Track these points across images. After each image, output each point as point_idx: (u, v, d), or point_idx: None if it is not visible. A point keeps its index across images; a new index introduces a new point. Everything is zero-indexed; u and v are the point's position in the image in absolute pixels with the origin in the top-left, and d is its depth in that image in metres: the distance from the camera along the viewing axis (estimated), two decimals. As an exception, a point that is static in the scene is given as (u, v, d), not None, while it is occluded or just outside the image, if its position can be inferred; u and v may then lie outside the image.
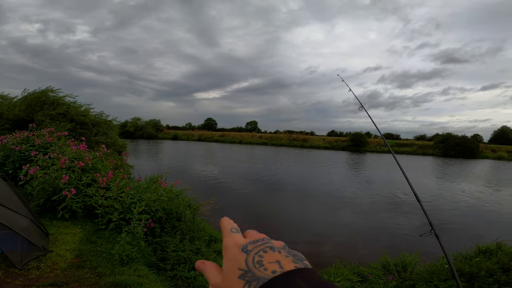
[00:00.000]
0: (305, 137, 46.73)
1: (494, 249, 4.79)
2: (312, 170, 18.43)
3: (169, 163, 17.99)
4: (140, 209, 3.90)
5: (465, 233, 7.36)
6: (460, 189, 13.54)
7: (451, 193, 12.46)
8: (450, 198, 11.43)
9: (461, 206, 10.27)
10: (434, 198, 11.45)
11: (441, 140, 38.71)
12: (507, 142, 48.45)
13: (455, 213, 9.31)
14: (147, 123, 50.95)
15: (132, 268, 3.21)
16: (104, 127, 10.44)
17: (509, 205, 10.69)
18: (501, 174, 21.77)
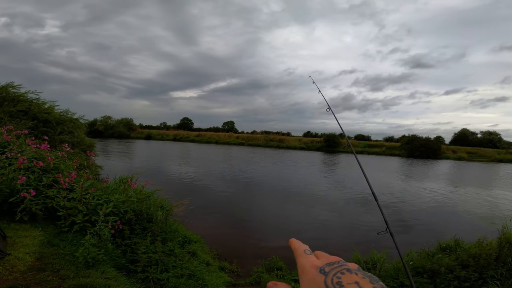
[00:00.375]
0: (281, 137, 47.38)
1: (453, 246, 5.03)
2: (288, 170, 18.74)
3: (142, 163, 17.38)
4: (107, 210, 3.74)
5: (429, 230, 7.74)
6: (424, 188, 14.47)
7: (416, 192, 13.25)
8: (415, 197, 12.15)
9: (425, 204, 10.93)
10: (400, 197, 12.13)
11: (407, 141, 41.07)
12: (466, 144, 52.61)
13: (420, 211, 9.89)
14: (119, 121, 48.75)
15: (99, 270, 3.08)
16: (70, 125, 9.86)
17: (468, 203, 11.59)
18: (461, 173, 23.60)
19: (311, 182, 14.48)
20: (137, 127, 54.53)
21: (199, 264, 4.41)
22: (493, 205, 11.20)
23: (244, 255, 5.73)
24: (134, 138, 46.47)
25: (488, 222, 8.28)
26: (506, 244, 4.16)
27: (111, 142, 33.84)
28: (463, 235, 5.40)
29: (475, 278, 3.87)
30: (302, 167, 21.20)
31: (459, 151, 41.65)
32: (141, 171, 7.03)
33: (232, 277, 4.75)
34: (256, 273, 4.76)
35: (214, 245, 5.96)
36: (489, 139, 55.22)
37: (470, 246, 4.68)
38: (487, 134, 57.59)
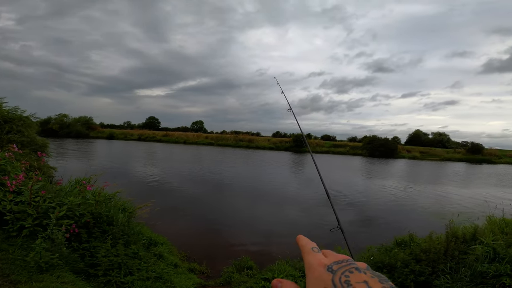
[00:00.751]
0: (251, 137, 47.61)
1: (408, 240, 5.27)
2: (257, 170, 18.87)
3: (102, 164, 16.30)
4: (60, 214, 3.43)
5: (388, 226, 8.16)
6: (384, 186, 15.48)
7: (376, 190, 14.09)
8: (376, 194, 12.91)
9: (385, 201, 11.62)
10: (363, 194, 12.85)
11: (368, 141, 43.67)
12: (419, 144, 57.52)
13: (380, 207, 10.48)
14: (76, 120, 45.29)
15: (54, 275, 2.85)
16: (19, 124, 8.90)
17: (422, 199, 12.58)
18: (416, 171, 25.68)
19: (280, 182, 14.72)
20: (98, 126, 51.13)
21: (166, 266, 4.24)
22: (443, 201, 12.28)
23: (214, 256, 5.64)
24: (94, 137, 43.49)
25: (439, 217, 8.91)
26: (452, 238, 4.43)
27: (67, 142, 31.28)
28: (417, 230, 5.72)
29: (429, 272, 4.05)
30: (271, 167, 21.49)
31: (413, 150, 45.26)
32: (101, 173, 6.57)
33: (202, 278, 4.64)
34: (227, 273, 4.71)
35: (183, 246, 5.78)
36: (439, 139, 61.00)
37: (422, 241, 4.94)
38: (437, 135, 63.56)
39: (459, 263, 4.02)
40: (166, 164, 18.85)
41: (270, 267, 4.84)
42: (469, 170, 28.84)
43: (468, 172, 26.72)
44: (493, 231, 4.83)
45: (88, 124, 46.88)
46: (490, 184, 18.59)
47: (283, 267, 4.69)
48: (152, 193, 10.12)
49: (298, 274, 4.52)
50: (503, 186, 17.34)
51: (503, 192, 14.87)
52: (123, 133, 48.40)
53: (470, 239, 4.61)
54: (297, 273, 4.55)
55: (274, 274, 4.47)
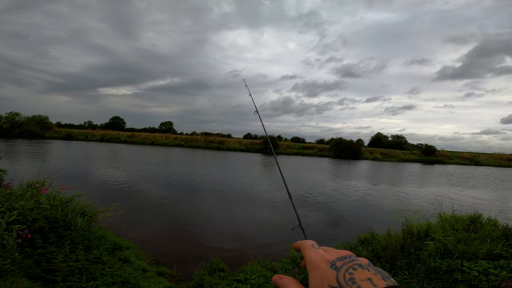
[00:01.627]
0: (221, 139, 47.19)
1: (370, 238, 5.49)
2: (228, 172, 18.72)
3: (58, 166, 15.03)
4: (11, 219, 3.09)
5: (353, 225, 8.48)
6: (348, 186, 16.25)
7: (342, 190, 14.71)
8: (341, 194, 13.45)
9: (350, 200, 12.10)
10: (329, 194, 13.35)
11: (334, 143, 45.56)
12: (380, 146, 61.47)
13: (346, 207, 10.89)
14: (29, 119, 41.39)
15: (7, 281, 2.59)
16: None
17: (383, 198, 13.38)
18: (377, 172, 27.32)
19: (250, 184, 14.75)
20: (54, 125, 47.12)
21: (133, 270, 4.02)
22: (401, 199, 13.15)
23: (185, 259, 5.47)
24: (50, 138, 40.00)
25: (398, 215, 9.45)
26: (408, 235, 4.66)
27: (19, 143, 28.39)
28: (378, 228, 6.01)
29: (388, 268, 4.18)
30: (242, 168, 21.47)
31: (375, 152, 48.14)
32: (57, 175, 6.05)
33: (172, 282, 4.47)
34: (198, 276, 4.59)
35: (151, 250, 5.52)
36: (397, 141, 65.68)
37: (382, 238, 5.16)
38: (396, 137, 68.37)
39: (415, 260, 4.17)
40: (131, 167, 17.92)
41: (242, 268, 4.81)
42: (423, 170, 31.38)
43: (423, 172, 29.06)
44: (444, 227, 5.15)
45: (43, 123, 43.01)
46: (442, 183, 20.40)
47: (255, 267, 4.69)
48: (116, 197, 9.55)
49: (269, 274, 4.55)
50: (453, 185, 19.11)
51: (454, 191, 16.39)
52: (83, 134, 45.11)
53: (423, 235, 4.87)
54: (269, 274, 4.57)
55: (246, 275, 4.45)
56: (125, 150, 31.20)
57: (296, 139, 71.96)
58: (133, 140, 43.47)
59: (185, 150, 36.06)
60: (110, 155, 25.04)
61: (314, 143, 63.89)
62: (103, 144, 37.58)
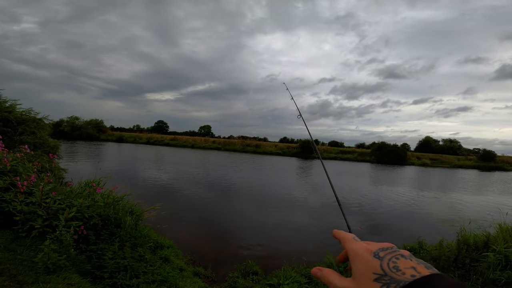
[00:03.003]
0: (258, 143, 47.60)
1: (417, 248, 5.24)
2: (264, 176, 18.81)
3: (111, 167, 16.53)
4: (70, 215, 3.48)
5: (397, 233, 8.02)
6: (392, 192, 15.21)
7: (385, 196, 13.87)
8: (384, 201, 12.69)
9: (394, 208, 11.38)
10: (371, 201, 12.64)
11: (376, 148, 43.11)
12: (429, 150, 56.46)
13: (389, 214, 10.27)
14: (87, 123, 46.27)
15: (60, 276, 2.88)
16: (32, 125, 9.14)
17: (432, 206, 12.30)
18: (426, 178, 25.16)
19: (287, 187, 14.63)
20: (108, 129, 52.02)
21: (172, 269, 4.24)
22: (454, 208, 11.96)
23: (219, 260, 5.61)
24: (104, 140, 44.24)
25: (449, 224, 8.73)
26: (464, 246, 4.36)
27: (78, 144, 31.90)
28: (426, 238, 5.63)
29: None
30: (278, 172, 21.40)
31: (423, 157, 44.42)
32: (110, 175, 6.66)
33: (207, 283, 4.62)
34: (232, 278, 4.67)
35: (188, 250, 5.77)
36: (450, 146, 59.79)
37: (432, 248, 4.89)
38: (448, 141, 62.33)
39: (469, 271, 3.99)
40: (173, 168, 18.99)
41: (275, 272, 4.78)
42: (480, 177, 28.08)
43: (480, 179, 26.02)
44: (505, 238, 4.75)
45: (99, 127, 47.79)
46: (502, 191, 18.05)
47: (289, 273, 4.63)
48: (160, 196, 10.19)
49: (303, 280, 4.45)
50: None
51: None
52: (132, 136, 49.13)
53: (482, 246, 4.54)
54: (303, 279, 4.48)
55: (279, 280, 4.41)
56: (168, 152, 33.21)
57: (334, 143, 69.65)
58: (175, 143, 46.04)
59: (223, 153, 37.12)
60: (155, 156, 26.84)
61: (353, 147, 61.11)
62: (149, 146, 40.46)
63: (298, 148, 43.05)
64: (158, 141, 46.75)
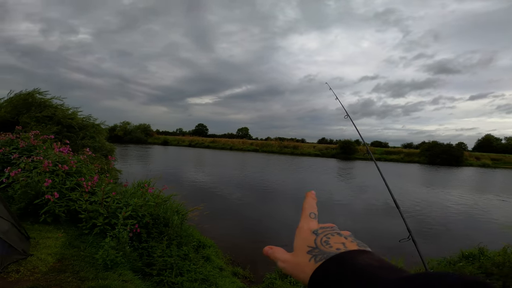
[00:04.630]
0: (295, 144, 47.05)
1: (477, 254, 4.94)
2: (302, 177, 18.53)
3: (158, 168, 17.75)
4: (126, 214, 3.84)
5: (451, 239, 7.43)
6: (447, 195, 13.85)
7: (438, 199, 12.72)
8: (438, 204, 11.66)
9: (448, 212, 10.47)
10: (423, 204, 11.67)
11: (427, 148, 39.69)
12: (490, 150, 50.14)
13: (443, 219, 9.49)
14: (137, 127, 50.31)
15: (116, 273, 3.15)
16: (92, 130, 10.27)
17: (494, 211, 10.97)
18: (486, 180, 22.43)
19: (327, 190, 14.22)
20: (154, 132, 55.94)
21: (212, 269, 4.41)
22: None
23: (257, 261, 5.67)
24: (151, 143, 47.64)
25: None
26: None
27: (130, 147, 34.85)
28: (487, 243, 5.24)
29: (499, 286, 3.81)
30: (317, 174, 20.89)
31: (483, 157, 39.75)
32: (158, 176, 7.18)
33: (245, 283, 4.71)
34: (269, 279, 4.70)
35: (228, 250, 5.94)
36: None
37: (495, 254, 4.63)
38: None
39: None
40: (214, 170, 19.72)
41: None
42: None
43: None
44: None
45: (147, 131, 51.68)
46: None
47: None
48: (201, 197, 10.65)
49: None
50: None
51: None
52: (175, 139, 52.20)
53: None
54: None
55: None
56: (208, 154, 34.57)
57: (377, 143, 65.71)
58: (214, 145, 47.74)
59: (260, 155, 37.43)
60: (197, 159, 28.15)
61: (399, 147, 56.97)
62: (190, 149, 42.56)
63: (338, 149, 41.54)
64: (199, 143, 48.95)
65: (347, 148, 40.18)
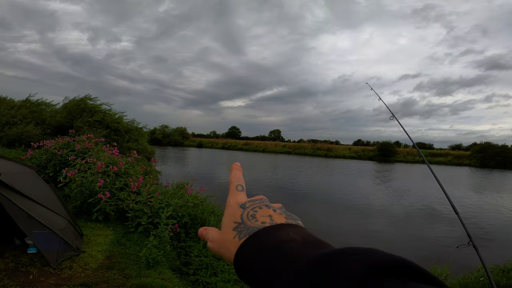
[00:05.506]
0: (329, 146, 45.71)
1: None
2: (338, 180, 17.90)
3: (194, 169, 18.41)
4: (168, 214, 4.00)
5: (505, 246, 6.78)
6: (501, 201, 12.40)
7: (490, 205, 11.48)
8: (489, 210, 10.54)
9: (501, 218, 9.46)
10: (473, 209, 10.59)
11: (479, 149, 36.03)
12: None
13: (495, 225, 8.59)
14: (174, 130, 52.79)
15: (157, 271, 3.28)
16: (136, 134, 10.99)
17: None
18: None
19: (363, 193, 13.56)
20: (190, 135, 58.22)
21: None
22: None
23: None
24: (187, 146, 49.64)
25: None
26: None
27: (168, 150, 36.71)
28: None
29: None
30: (353, 177, 20.03)
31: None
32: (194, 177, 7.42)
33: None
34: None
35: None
36: None
37: None
38: None
39: None
40: (247, 171, 19.90)
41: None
42: None
43: None
44: None
45: (183, 134, 54.01)
46: None
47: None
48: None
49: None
50: None
51: None
52: (210, 142, 53.83)
53: None
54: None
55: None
56: (241, 156, 35.05)
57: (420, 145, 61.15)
58: (247, 147, 48.26)
59: (293, 157, 36.99)
60: (231, 161, 28.68)
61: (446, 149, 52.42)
62: (224, 151, 43.55)
63: (376, 151, 39.47)
64: (232, 146, 49.87)
65: (386, 150, 38.01)
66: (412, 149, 44.82)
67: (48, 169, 5.93)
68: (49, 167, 6.00)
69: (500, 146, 35.16)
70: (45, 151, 6.36)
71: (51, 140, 6.83)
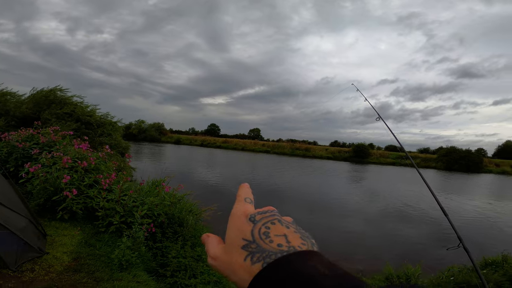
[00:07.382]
0: (307, 146, 46.58)
1: (500, 261, 4.91)
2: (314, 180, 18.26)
3: (171, 166, 17.90)
4: (142, 213, 3.80)
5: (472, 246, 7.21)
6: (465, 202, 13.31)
7: (456, 206, 12.24)
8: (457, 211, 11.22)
9: (468, 219, 10.12)
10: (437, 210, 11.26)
11: (445, 153, 38.43)
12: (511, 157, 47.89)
13: (463, 226, 9.15)
14: (151, 126, 51.09)
15: (131, 273, 3.09)
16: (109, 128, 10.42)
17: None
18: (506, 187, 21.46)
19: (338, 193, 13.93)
20: (167, 131, 56.66)
21: (227, 271, 4.31)
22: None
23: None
24: (164, 142, 48.28)
25: None
26: None
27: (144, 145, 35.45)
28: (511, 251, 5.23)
29: None
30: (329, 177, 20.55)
31: (503, 164, 38.13)
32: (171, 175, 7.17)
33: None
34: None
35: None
36: (539, 153, 49.80)
37: None
38: (537, 147, 52.07)
39: None
40: (225, 170, 19.72)
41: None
42: None
43: None
44: None
45: (160, 129, 52.40)
46: None
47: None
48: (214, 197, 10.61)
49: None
50: None
51: None
52: (188, 139, 52.70)
53: None
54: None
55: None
56: (220, 154, 34.68)
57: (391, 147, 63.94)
58: (226, 145, 47.85)
59: (272, 156, 37.25)
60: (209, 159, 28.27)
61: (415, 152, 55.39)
62: (202, 148, 42.87)
63: (351, 152, 40.80)
64: (211, 143, 49.20)
65: (360, 152, 39.40)
66: (384, 151, 46.90)
67: (9, 163, 5.42)
68: (10, 161, 5.48)
69: (464, 150, 37.75)
70: (6, 143, 5.81)
71: (13, 133, 6.26)
